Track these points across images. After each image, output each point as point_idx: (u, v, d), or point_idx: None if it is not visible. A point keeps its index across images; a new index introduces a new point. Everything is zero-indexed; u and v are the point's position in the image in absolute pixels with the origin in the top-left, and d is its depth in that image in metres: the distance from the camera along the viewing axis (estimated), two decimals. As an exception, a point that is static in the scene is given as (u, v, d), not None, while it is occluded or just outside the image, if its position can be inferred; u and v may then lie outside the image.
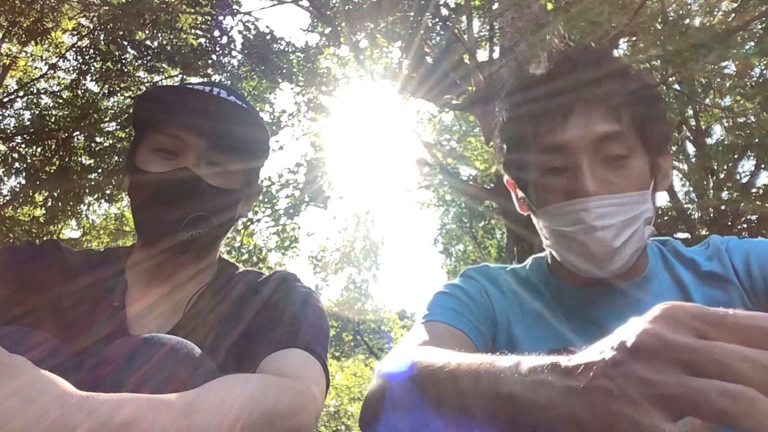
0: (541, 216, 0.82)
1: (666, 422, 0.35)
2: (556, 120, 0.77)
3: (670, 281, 0.85)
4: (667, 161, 0.83)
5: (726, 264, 0.82)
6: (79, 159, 7.35)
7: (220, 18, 6.99)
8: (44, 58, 7.66)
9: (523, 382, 0.46)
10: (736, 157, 6.90)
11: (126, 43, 6.79)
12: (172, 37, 7.03)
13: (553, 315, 0.87)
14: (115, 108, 7.54)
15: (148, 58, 7.07)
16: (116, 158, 7.30)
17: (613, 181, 0.75)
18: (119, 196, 7.56)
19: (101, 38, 6.83)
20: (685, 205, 7.28)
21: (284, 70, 6.93)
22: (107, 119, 7.36)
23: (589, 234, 0.75)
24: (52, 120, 7.45)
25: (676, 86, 5.68)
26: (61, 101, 7.54)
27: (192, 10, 6.91)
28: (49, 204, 7.49)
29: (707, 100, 6.19)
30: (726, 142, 6.85)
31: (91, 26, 6.75)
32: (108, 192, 7.36)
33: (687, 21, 5.36)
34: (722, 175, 7.01)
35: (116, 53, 6.92)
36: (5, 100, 7.55)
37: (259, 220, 6.78)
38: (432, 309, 0.85)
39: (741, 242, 0.85)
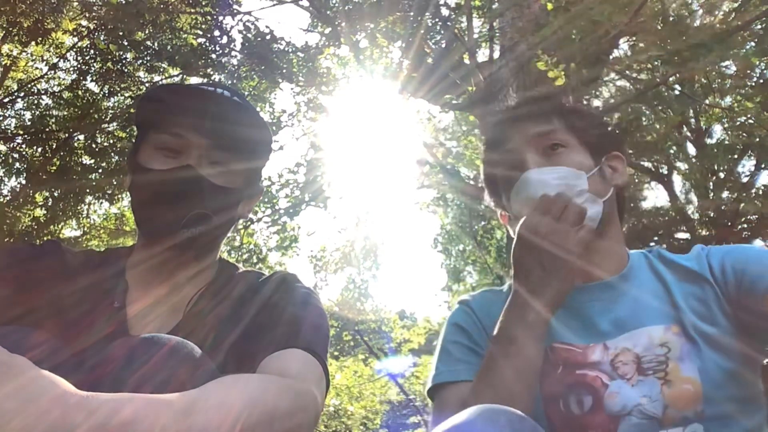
0: (512, 204, 0.98)
1: None
2: (506, 133, 1.02)
3: (651, 276, 0.95)
4: (617, 162, 1.01)
5: (704, 264, 0.92)
6: (80, 159, 7.36)
7: (220, 18, 6.98)
8: (45, 58, 7.67)
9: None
10: (736, 157, 6.88)
11: (126, 43, 6.78)
12: (172, 37, 7.02)
13: None
14: (116, 108, 7.54)
15: (148, 58, 7.06)
16: (116, 158, 7.30)
17: (551, 163, 0.94)
18: (119, 196, 7.56)
19: (101, 38, 6.83)
20: (685, 205, 7.27)
21: (284, 70, 6.92)
22: (107, 119, 7.36)
23: (529, 189, 0.92)
24: (53, 120, 7.45)
25: (677, 86, 5.67)
26: (61, 102, 7.54)
27: (192, 10, 6.90)
28: (49, 204, 7.49)
29: (707, 100, 6.18)
30: (726, 142, 6.83)
31: (92, 26, 6.75)
32: (108, 192, 7.36)
33: (687, 21, 5.36)
34: (722, 175, 7.00)
35: (116, 53, 6.92)
36: (6, 100, 7.55)
37: (259, 220, 6.78)
38: (441, 367, 0.97)
39: (721, 247, 0.95)
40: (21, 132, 7.40)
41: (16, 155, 7.36)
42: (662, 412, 0.81)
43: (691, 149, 7.59)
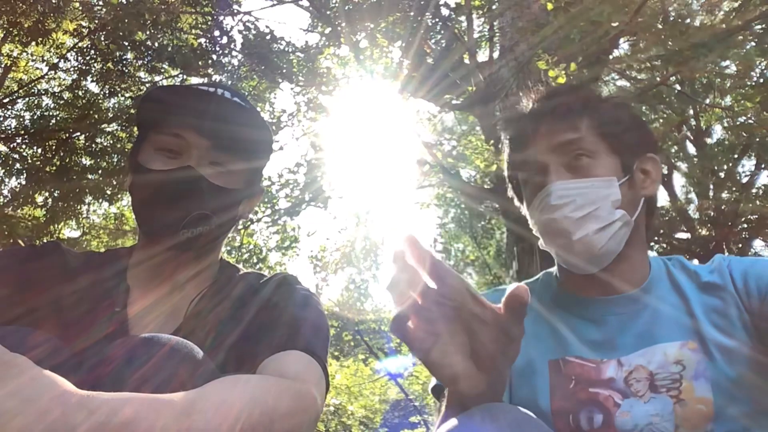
0: (530, 215, 0.96)
1: None
2: (529, 134, 0.95)
3: (670, 288, 0.92)
4: (650, 165, 0.95)
5: (726, 276, 0.90)
6: (79, 159, 7.35)
7: (220, 18, 6.98)
8: (45, 59, 7.66)
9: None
10: (736, 157, 6.88)
11: (126, 43, 6.78)
12: (172, 37, 7.02)
13: (555, 325, 0.93)
14: (116, 108, 7.53)
15: (149, 58, 7.06)
16: (116, 158, 7.29)
17: (576, 175, 0.89)
18: (119, 196, 7.55)
19: (102, 39, 6.82)
20: (685, 205, 7.27)
21: (284, 70, 6.92)
22: (107, 119, 7.35)
23: (553, 211, 0.88)
24: (53, 120, 7.45)
25: (677, 86, 5.67)
26: (61, 102, 7.53)
27: (192, 10, 6.90)
28: (49, 204, 7.48)
29: (707, 100, 6.18)
30: (726, 142, 6.83)
31: (92, 27, 6.74)
32: (108, 192, 7.35)
33: (687, 21, 5.36)
34: (722, 175, 6.99)
35: (117, 54, 6.91)
36: (6, 100, 7.54)
37: (259, 220, 6.77)
38: None
39: (742, 259, 0.93)
40: (21, 132, 7.39)
41: (16, 155, 7.35)
42: (673, 431, 0.81)
43: (691, 149, 7.59)
